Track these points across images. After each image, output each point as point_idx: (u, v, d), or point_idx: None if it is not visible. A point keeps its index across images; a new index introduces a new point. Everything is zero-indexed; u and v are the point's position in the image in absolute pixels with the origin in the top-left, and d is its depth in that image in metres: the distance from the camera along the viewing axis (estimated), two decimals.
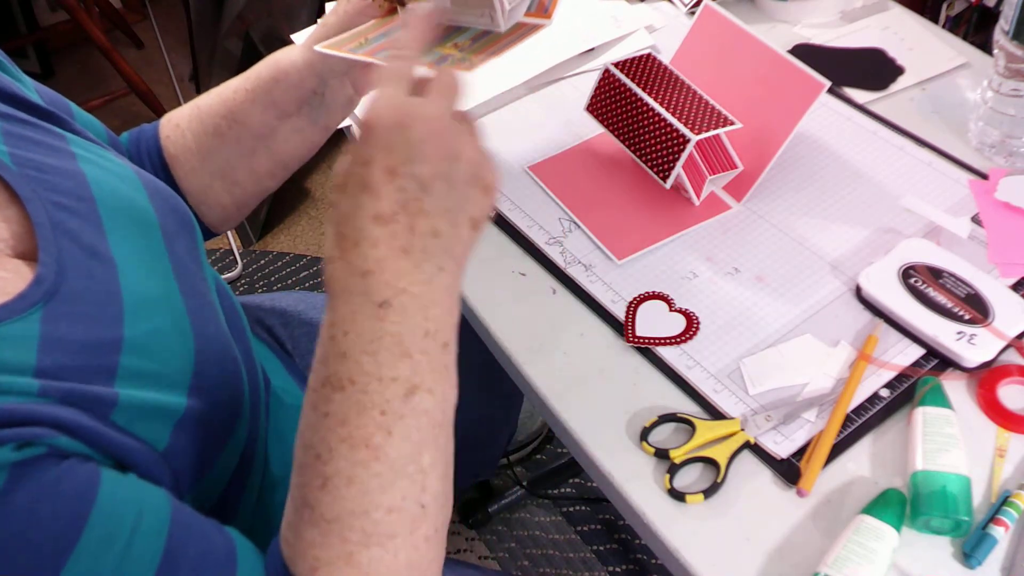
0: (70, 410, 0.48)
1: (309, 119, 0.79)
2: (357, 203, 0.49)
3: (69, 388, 0.48)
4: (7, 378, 0.46)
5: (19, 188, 0.55)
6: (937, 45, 0.96)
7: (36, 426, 0.45)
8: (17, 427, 0.45)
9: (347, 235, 0.49)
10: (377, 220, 0.49)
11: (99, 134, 0.76)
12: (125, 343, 0.53)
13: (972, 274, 0.71)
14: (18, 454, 0.44)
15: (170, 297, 0.60)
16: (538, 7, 0.71)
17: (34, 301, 0.50)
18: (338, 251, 0.50)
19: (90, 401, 0.49)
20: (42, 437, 0.45)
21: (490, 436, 1.10)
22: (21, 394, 0.46)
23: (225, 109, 0.78)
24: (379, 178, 0.48)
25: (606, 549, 1.41)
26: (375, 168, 0.49)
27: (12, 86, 0.64)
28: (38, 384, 0.47)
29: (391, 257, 0.49)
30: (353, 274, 0.49)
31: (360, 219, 0.49)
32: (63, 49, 2.64)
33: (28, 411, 0.46)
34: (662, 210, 0.83)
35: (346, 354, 0.49)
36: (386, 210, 0.49)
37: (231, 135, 0.78)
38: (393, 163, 0.48)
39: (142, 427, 0.52)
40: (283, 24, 1.95)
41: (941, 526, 0.59)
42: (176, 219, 0.67)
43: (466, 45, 0.68)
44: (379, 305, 0.49)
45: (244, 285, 1.98)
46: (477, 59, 0.65)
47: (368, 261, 0.49)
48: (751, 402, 0.68)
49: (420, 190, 0.49)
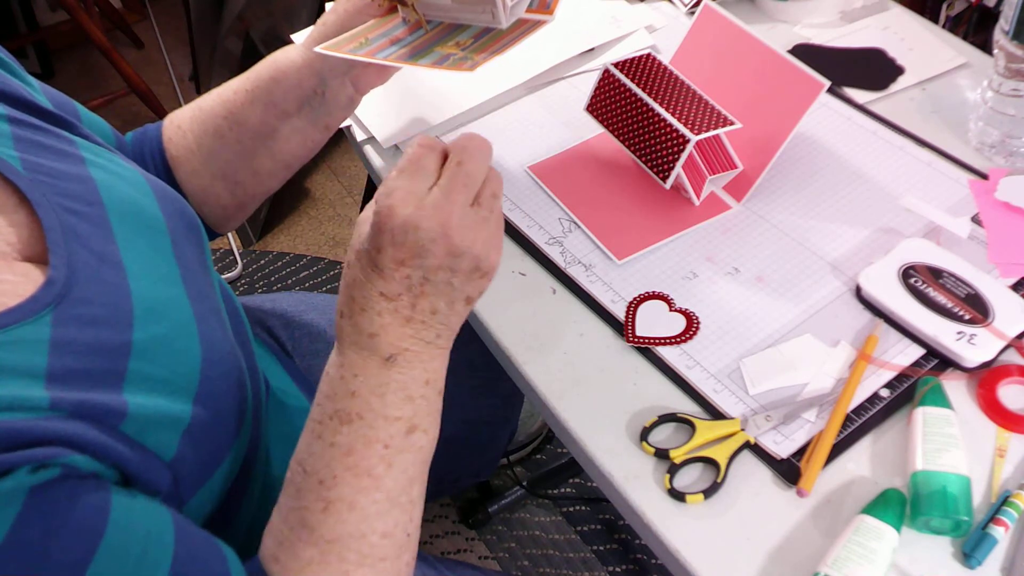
0: (80, 424, 0.48)
1: (310, 119, 0.79)
2: (368, 278, 0.55)
3: (79, 400, 0.48)
4: (18, 392, 0.46)
5: (30, 193, 0.55)
6: (937, 45, 0.96)
7: (49, 445, 0.45)
8: (31, 448, 0.44)
9: (356, 300, 0.55)
10: (383, 296, 0.55)
11: (106, 135, 0.76)
12: (134, 347, 0.53)
13: (972, 274, 0.71)
14: (33, 477, 0.44)
15: (178, 302, 0.60)
16: (540, 3, 0.70)
17: (45, 304, 0.50)
18: (348, 311, 0.56)
19: (100, 412, 0.49)
20: (56, 457, 0.45)
21: (490, 436, 1.10)
22: (32, 409, 0.46)
23: (225, 110, 0.78)
24: (388, 265, 0.54)
25: (606, 549, 1.41)
26: (385, 256, 0.54)
27: (21, 90, 0.64)
28: (48, 397, 0.47)
29: (394, 324, 0.55)
30: (361, 334, 0.55)
31: (369, 291, 0.55)
32: (63, 49, 2.64)
33: (40, 429, 0.45)
34: (662, 210, 0.83)
35: (355, 393, 0.55)
36: (392, 291, 0.54)
37: (232, 136, 0.78)
38: (402, 256, 0.53)
39: (151, 437, 0.52)
40: (283, 24, 1.95)
41: (941, 526, 0.59)
42: (184, 223, 0.67)
43: (468, 43, 0.68)
44: (386, 359, 0.55)
45: (244, 285, 1.98)
46: (479, 57, 0.65)
47: (374, 326, 0.55)
48: (751, 402, 0.68)
49: (424, 279, 0.54)
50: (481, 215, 0.55)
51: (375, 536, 0.54)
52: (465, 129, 0.94)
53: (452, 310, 0.56)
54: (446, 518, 1.46)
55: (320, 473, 0.54)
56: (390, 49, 0.72)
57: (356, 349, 0.55)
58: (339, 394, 0.55)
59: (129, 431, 0.51)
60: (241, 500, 0.67)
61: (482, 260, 0.55)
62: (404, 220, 0.52)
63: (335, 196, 2.16)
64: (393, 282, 0.54)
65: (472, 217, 0.54)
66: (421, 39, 0.73)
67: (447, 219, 0.53)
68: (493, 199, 0.56)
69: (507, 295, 0.78)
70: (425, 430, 0.57)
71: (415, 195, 0.53)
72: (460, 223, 0.53)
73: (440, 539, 1.44)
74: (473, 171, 0.55)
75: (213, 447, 0.59)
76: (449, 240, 0.53)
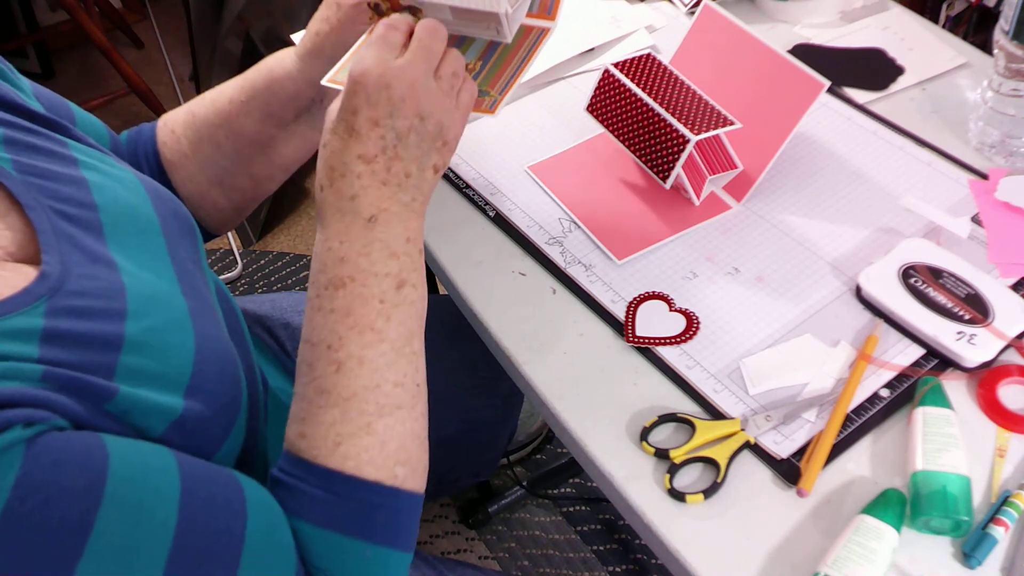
0: (70, 399, 0.49)
1: (308, 125, 0.79)
2: (345, 144, 0.59)
3: (70, 376, 0.49)
4: (13, 364, 0.47)
5: (21, 196, 0.55)
6: (937, 45, 0.96)
7: (40, 408, 0.47)
8: (24, 408, 0.46)
9: (336, 168, 0.59)
10: (361, 158, 0.59)
11: (100, 136, 0.76)
12: (126, 341, 0.53)
13: (972, 274, 0.71)
14: (29, 431, 0.45)
15: (172, 297, 0.60)
16: (540, 7, 0.70)
17: (38, 295, 0.51)
18: (328, 181, 0.59)
19: (89, 392, 0.50)
20: (46, 419, 0.46)
21: (490, 436, 1.10)
22: (26, 379, 0.47)
23: (221, 120, 0.77)
24: (364, 126, 0.58)
25: (606, 549, 1.41)
26: (361, 117, 0.58)
27: (12, 94, 0.64)
28: (42, 369, 0.48)
29: (373, 186, 0.59)
30: (342, 199, 0.59)
31: (347, 156, 0.59)
32: (63, 49, 2.64)
33: (32, 395, 0.47)
34: (662, 210, 0.83)
35: (344, 258, 0.59)
36: (369, 151, 0.59)
37: (229, 145, 0.78)
38: (376, 115, 0.58)
39: (136, 418, 0.53)
40: (283, 24, 1.95)
41: (941, 526, 0.59)
42: (178, 224, 0.67)
43: (477, 68, 0.68)
44: (368, 219, 0.59)
45: (244, 285, 1.98)
46: (496, 93, 0.66)
47: (354, 188, 0.59)
48: (751, 402, 0.68)
49: (396, 139, 0.59)
50: (443, 87, 0.60)
51: (388, 385, 0.58)
52: (465, 129, 0.94)
53: (423, 177, 0.61)
54: (446, 518, 1.46)
55: (327, 340, 0.58)
56: None
57: (339, 216, 0.59)
58: (328, 264, 0.59)
59: (114, 410, 0.51)
60: None
61: (445, 128, 0.60)
62: (377, 79, 0.57)
63: None
64: (369, 142, 0.58)
65: (435, 86, 0.60)
66: None
67: (414, 81, 0.58)
68: (453, 77, 0.61)
69: (507, 295, 0.78)
70: (414, 285, 0.61)
71: (385, 61, 0.58)
72: (425, 88, 0.59)
73: (440, 539, 1.44)
74: (434, 46, 0.60)
75: (203, 440, 0.59)
76: (416, 100, 0.58)
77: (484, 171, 0.90)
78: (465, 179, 0.89)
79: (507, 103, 0.67)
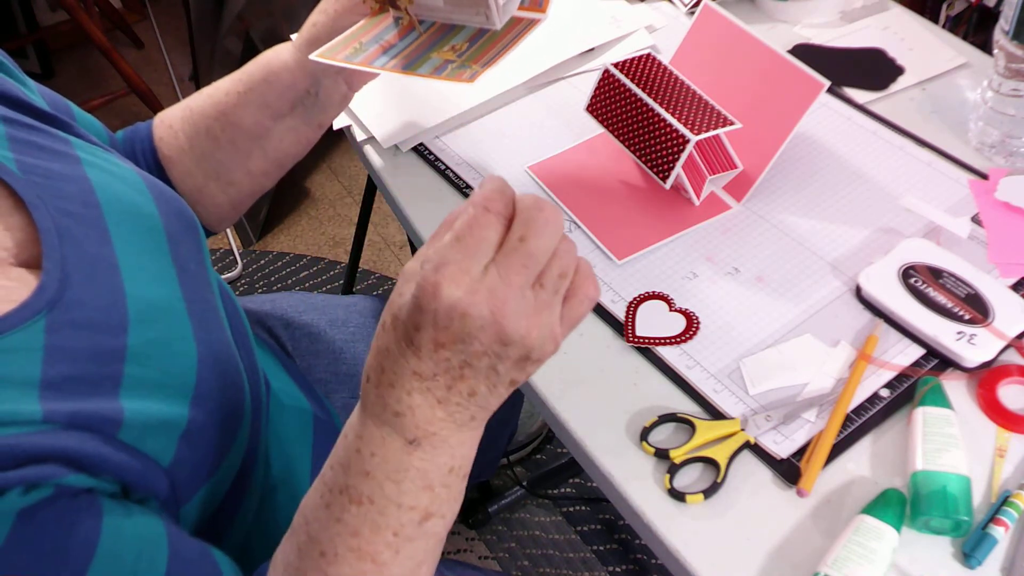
0: (76, 435, 0.47)
1: (303, 118, 0.79)
2: (400, 352, 0.48)
3: (74, 410, 0.48)
4: (11, 406, 0.46)
5: (25, 195, 0.55)
6: (937, 45, 0.96)
7: (42, 463, 0.45)
8: (23, 467, 0.44)
9: (386, 371, 0.48)
10: (416, 375, 0.48)
11: (99, 135, 0.76)
12: (129, 351, 0.53)
13: (972, 274, 0.71)
14: (25, 499, 0.44)
15: (174, 304, 0.60)
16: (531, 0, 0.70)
17: (37, 310, 0.50)
18: (375, 378, 0.49)
19: (96, 422, 0.49)
20: (49, 477, 0.45)
21: (490, 437, 1.09)
22: (25, 424, 0.46)
23: (217, 112, 0.78)
24: (425, 345, 0.47)
25: (606, 549, 1.41)
26: (424, 336, 0.46)
27: (16, 90, 0.63)
28: (42, 410, 0.46)
29: (424, 406, 0.48)
30: (386, 410, 0.49)
31: (400, 366, 0.48)
32: (63, 49, 2.64)
33: (34, 445, 0.45)
34: (662, 210, 0.83)
35: (370, 474, 0.50)
36: (427, 371, 0.47)
37: (225, 137, 0.78)
38: (443, 340, 0.46)
39: (149, 443, 0.52)
40: (283, 24, 1.95)
41: (941, 526, 0.59)
42: (181, 222, 0.67)
43: (463, 48, 0.67)
44: (409, 442, 0.49)
45: (244, 285, 1.98)
46: (477, 66, 0.64)
47: (401, 405, 0.48)
48: (751, 402, 0.68)
49: (464, 363, 0.47)
50: (542, 299, 0.47)
51: None
52: (466, 129, 0.94)
53: (493, 393, 0.49)
54: None
55: (323, 544, 0.51)
56: (384, 58, 0.71)
57: (378, 423, 0.49)
58: (352, 468, 0.50)
59: (127, 438, 0.50)
60: (241, 501, 0.67)
61: (534, 350, 0.47)
62: (451, 304, 0.45)
63: (335, 196, 2.16)
64: (429, 362, 0.47)
65: (530, 303, 0.46)
66: (415, 43, 0.72)
67: (501, 306, 0.45)
68: (560, 279, 0.47)
69: None
70: (443, 516, 0.52)
71: (468, 275, 0.45)
72: (515, 310, 0.46)
73: None
74: (536, 249, 0.46)
75: (211, 449, 0.58)
76: (500, 328, 0.45)
77: (484, 171, 0.90)
78: (465, 179, 0.89)
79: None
